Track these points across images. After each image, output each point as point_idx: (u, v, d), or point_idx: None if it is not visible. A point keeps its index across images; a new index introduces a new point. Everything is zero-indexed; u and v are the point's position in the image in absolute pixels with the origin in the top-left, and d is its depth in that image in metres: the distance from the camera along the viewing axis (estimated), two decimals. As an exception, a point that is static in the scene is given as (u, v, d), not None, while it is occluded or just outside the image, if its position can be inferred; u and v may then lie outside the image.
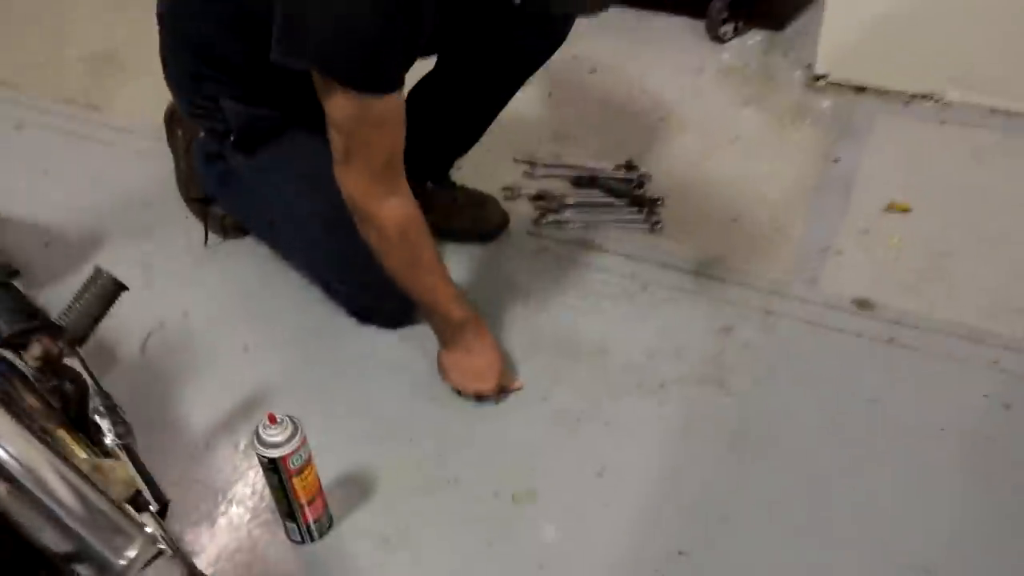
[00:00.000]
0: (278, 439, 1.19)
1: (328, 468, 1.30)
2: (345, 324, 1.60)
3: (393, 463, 1.39)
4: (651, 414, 1.45)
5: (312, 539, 1.29)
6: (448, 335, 1.43)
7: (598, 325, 1.59)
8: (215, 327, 1.61)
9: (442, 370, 1.45)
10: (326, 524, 1.30)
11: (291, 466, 1.20)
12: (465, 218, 1.75)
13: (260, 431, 1.19)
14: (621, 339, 1.56)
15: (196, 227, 1.76)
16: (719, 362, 1.51)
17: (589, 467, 1.38)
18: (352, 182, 1.28)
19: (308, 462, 1.23)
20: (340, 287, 1.58)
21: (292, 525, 1.28)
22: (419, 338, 1.53)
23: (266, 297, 1.66)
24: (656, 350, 1.54)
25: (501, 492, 1.34)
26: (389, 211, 1.30)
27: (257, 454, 1.19)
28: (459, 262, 1.67)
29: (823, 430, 1.40)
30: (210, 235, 1.75)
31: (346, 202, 1.30)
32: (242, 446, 1.41)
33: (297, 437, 1.19)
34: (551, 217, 1.80)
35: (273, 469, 1.20)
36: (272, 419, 1.18)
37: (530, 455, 1.40)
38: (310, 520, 1.28)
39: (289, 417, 1.20)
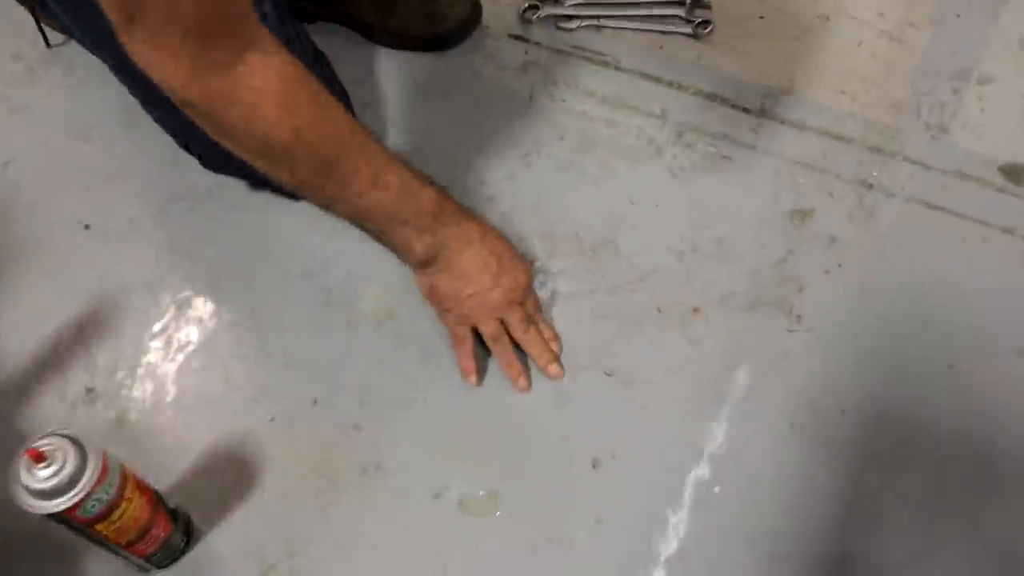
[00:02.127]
0: (52, 484, 0.72)
1: (203, 433, 0.91)
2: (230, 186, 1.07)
3: (308, 433, 0.93)
4: (677, 358, 0.97)
5: (153, 569, 0.87)
6: (428, 243, 0.86)
7: (605, 199, 1.07)
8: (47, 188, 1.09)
9: (440, 301, 0.93)
10: (177, 548, 0.87)
11: (85, 515, 0.74)
12: (410, 9, 1.15)
13: (23, 475, 0.72)
14: (638, 225, 1.05)
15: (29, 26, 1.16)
16: (784, 272, 1.00)
17: (583, 454, 0.92)
18: (157, 57, 0.68)
19: (119, 498, 0.77)
20: (205, 152, 1.02)
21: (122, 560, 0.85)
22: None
23: (119, 130, 1.10)
24: (688, 248, 1.02)
25: (454, 488, 0.90)
26: (247, 82, 0.71)
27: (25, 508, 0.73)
28: (394, 86, 1.10)
29: (950, 407, 0.93)
30: (50, 33, 1.16)
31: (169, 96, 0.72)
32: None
33: (88, 474, 0.73)
34: (546, 10, 1.19)
35: (59, 521, 0.75)
36: (37, 456, 0.71)
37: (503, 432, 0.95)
38: (145, 553, 0.84)
39: (70, 439, 0.72)
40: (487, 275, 0.89)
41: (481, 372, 0.95)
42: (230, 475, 0.91)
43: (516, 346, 0.94)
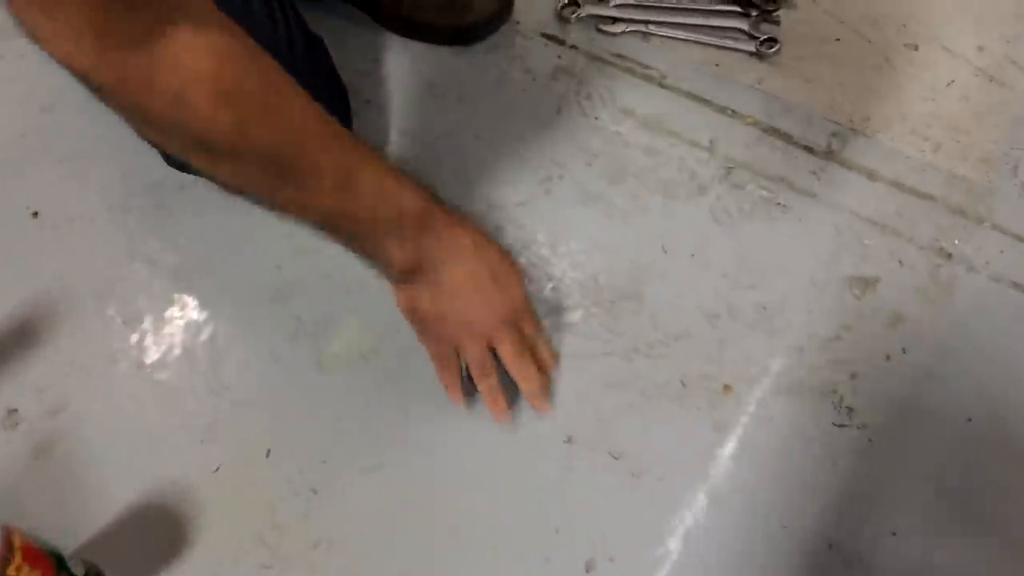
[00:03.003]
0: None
1: (136, 477, 0.76)
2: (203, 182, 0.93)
3: (256, 491, 0.79)
4: (698, 445, 0.83)
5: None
6: (410, 253, 0.72)
7: (633, 241, 0.92)
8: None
9: (422, 320, 0.78)
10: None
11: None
12: (429, 2, 1.00)
13: None
14: (669, 276, 0.90)
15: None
16: (836, 352, 0.85)
17: (576, 554, 0.77)
18: (50, 25, 0.53)
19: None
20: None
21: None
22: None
23: (85, 106, 0.96)
24: (724, 310, 0.88)
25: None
26: (170, 62, 0.55)
27: None
28: (404, 82, 0.95)
29: None
30: None
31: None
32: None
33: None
34: (587, 9, 1.03)
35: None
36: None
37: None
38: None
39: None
40: (477, 292, 0.76)
41: (469, 395, 0.81)
42: (161, 533, 0.77)
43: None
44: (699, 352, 0.86)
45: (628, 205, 0.93)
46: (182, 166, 0.88)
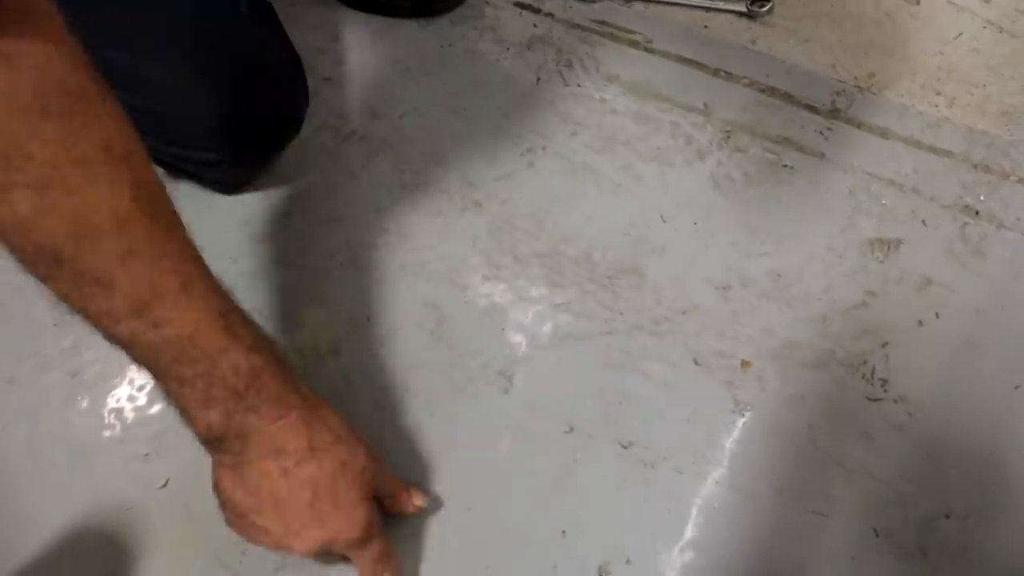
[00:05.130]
0: None
1: (70, 498, 0.66)
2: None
3: (211, 506, 0.69)
4: (718, 429, 0.74)
5: None
6: (216, 424, 0.54)
7: (628, 213, 0.84)
8: None
9: (233, 510, 0.59)
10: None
11: None
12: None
13: None
14: (670, 248, 0.82)
15: None
16: (864, 320, 0.77)
17: (587, 559, 0.68)
18: None
19: None
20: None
21: None
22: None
23: None
24: (736, 280, 0.80)
25: None
26: None
27: None
28: (366, 59, 0.88)
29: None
30: None
31: None
32: None
33: None
34: (561, -26, 0.97)
35: None
36: None
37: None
38: None
39: None
40: (292, 507, 0.57)
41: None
42: (102, 559, 0.68)
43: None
44: (711, 326, 0.77)
45: (619, 175, 0.85)
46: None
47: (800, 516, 0.70)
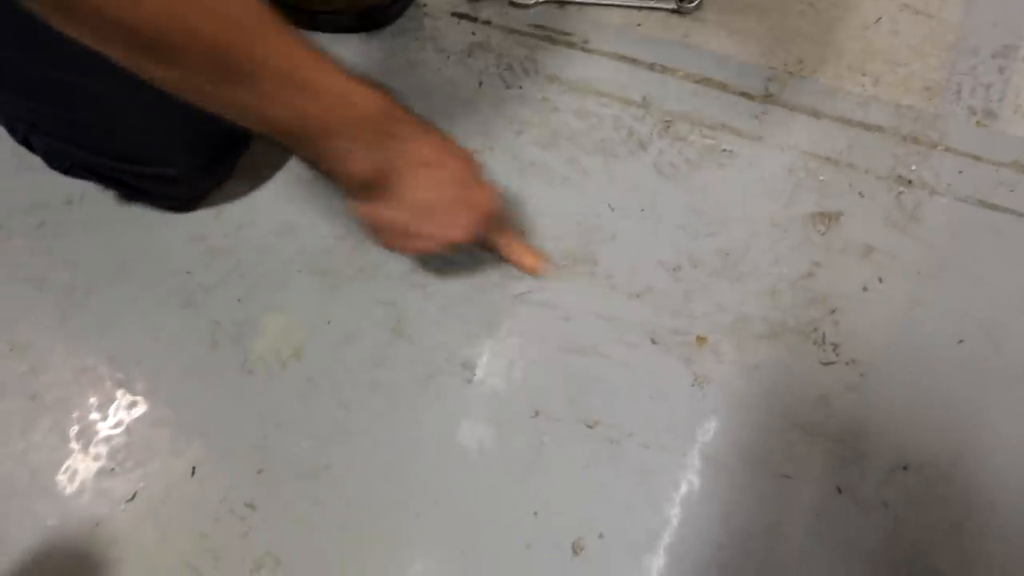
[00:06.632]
0: None
1: (34, 518, 0.61)
2: (93, 194, 0.85)
3: (182, 515, 0.70)
4: (679, 403, 0.76)
5: None
6: (370, 162, 0.63)
7: (576, 204, 0.86)
8: None
9: (383, 235, 0.71)
10: None
11: None
12: (332, -17, 0.96)
13: None
14: (620, 234, 0.85)
15: None
16: (811, 290, 0.80)
17: (560, 536, 0.68)
18: None
19: None
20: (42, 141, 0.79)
21: None
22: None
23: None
24: (686, 261, 0.82)
25: None
26: None
27: None
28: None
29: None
30: None
31: None
32: None
33: None
34: (495, -17, 1.00)
35: None
36: None
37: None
38: None
39: None
40: (443, 207, 0.68)
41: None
42: (69, 579, 0.67)
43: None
44: (665, 306, 0.79)
45: (566, 169, 0.88)
46: (68, 167, 0.80)
47: (766, 480, 0.72)
